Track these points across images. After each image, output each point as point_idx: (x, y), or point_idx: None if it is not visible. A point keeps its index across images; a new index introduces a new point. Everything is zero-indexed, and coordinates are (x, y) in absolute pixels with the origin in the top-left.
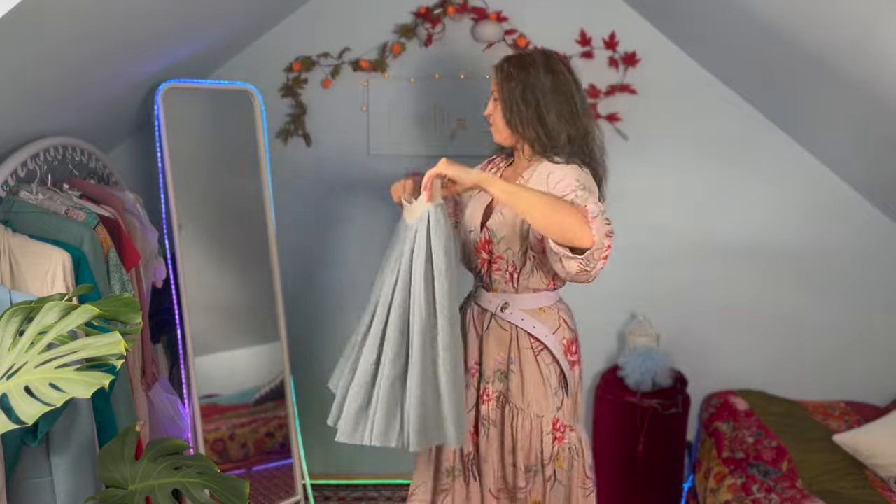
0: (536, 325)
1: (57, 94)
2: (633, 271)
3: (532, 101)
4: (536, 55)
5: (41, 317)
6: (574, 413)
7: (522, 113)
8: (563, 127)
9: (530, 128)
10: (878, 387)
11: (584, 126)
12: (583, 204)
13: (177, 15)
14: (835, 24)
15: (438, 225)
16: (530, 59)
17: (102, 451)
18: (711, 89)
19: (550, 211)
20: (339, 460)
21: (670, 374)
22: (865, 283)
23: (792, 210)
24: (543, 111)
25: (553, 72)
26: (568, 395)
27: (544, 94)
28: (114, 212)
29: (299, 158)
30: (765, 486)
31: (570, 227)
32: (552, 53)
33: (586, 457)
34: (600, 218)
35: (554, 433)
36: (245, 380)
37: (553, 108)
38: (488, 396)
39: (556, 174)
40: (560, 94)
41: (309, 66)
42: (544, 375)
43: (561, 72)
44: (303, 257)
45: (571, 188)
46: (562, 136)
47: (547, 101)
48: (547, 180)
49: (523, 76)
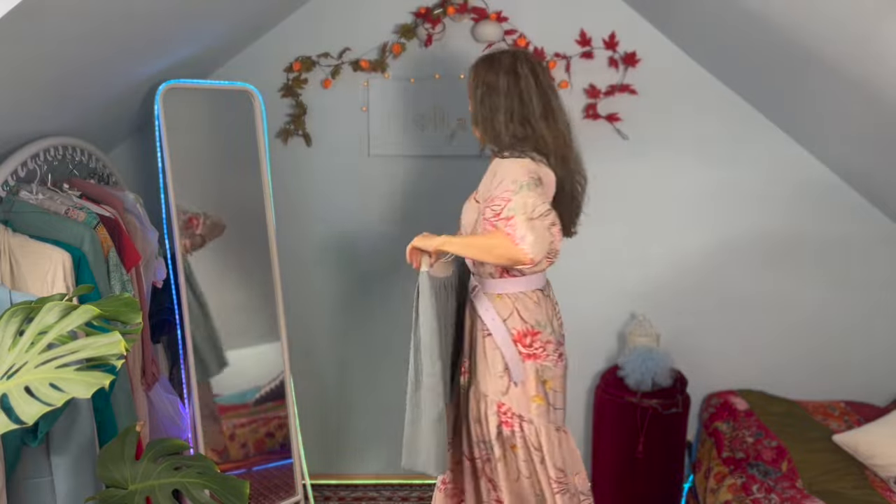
0: (489, 309)
1: (57, 94)
2: (633, 271)
3: (487, 102)
4: (504, 56)
5: (41, 317)
6: (528, 404)
7: (479, 114)
8: (510, 128)
9: (483, 128)
10: (878, 387)
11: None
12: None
13: (177, 15)
14: (835, 24)
15: (423, 287)
16: (496, 60)
17: (102, 451)
18: (711, 89)
19: (481, 253)
20: (339, 460)
21: (670, 374)
22: (865, 283)
23: (792, 210)
24: (493, 112)
25: (513, 73)
26: (515, 383)
27: (498, 95)
28: (114, 212)
29: (299, 158)
30: (765, 486)
31: (503, 257)
32: (521, 55)
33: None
34: (529, 233)
35: (500, 416)
36: (245, 380)
37: (502, 108)
38: (465, 368)
39: (499, 173)
40: (513, 95)
41: (309, 66)
42: (489, 358)
43: (523, 75)
44: (303, 257)
45: (506, 192)
46: (506, 136)
47: (499, 102)
48: (493, 180)
49: (486, 77)
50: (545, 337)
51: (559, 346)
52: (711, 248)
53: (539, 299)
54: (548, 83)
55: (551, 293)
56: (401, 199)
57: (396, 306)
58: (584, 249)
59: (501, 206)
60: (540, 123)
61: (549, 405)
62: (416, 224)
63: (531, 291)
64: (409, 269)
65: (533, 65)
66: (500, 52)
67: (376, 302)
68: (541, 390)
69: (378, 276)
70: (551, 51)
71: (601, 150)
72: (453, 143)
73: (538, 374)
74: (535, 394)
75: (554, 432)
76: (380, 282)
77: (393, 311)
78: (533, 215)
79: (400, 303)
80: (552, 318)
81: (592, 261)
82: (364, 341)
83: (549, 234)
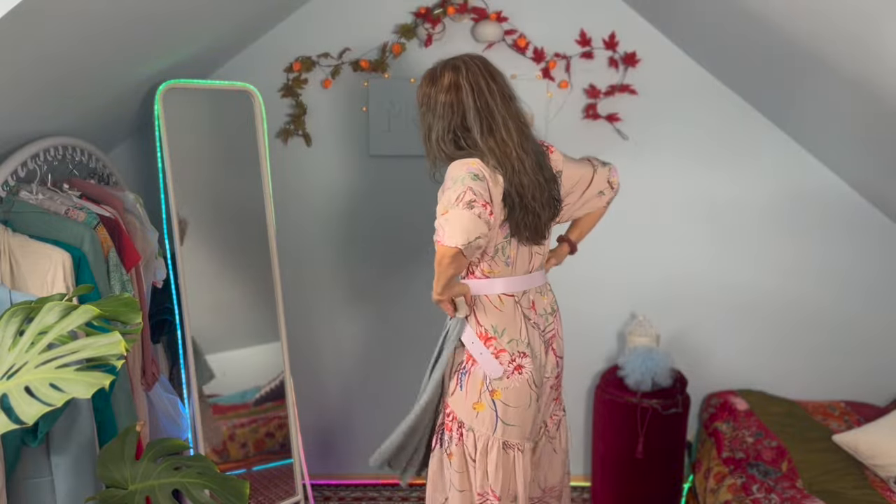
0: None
1: (57, 94)
2: (633, 271)
3: (426, 120)
4: (447, 70)
5: (41, 317)
6: (469, 411)
7: (421, 131)
8: (441, 145)
9: (424, 145)
10: (878, 387)
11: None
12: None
13: (177, 15)
14: (835, 23)
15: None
16: (439, 76)
17: (102, 451)
18: (711, 89)
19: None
20: (339, 460)
21: (670, 374)
22: (865, 283)
23: (791, 209)
24: (428, 131)
25: (454, 88)
26: (462, 387)
27: (435, 113)
28: (114, 212)
29: (299, 158)
30: (765, 486)
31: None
32: (462, 66)
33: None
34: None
35: (445, 417)
36: (245, 380)
37: (436, 126)
38: None
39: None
40: (450, 112)
41: (309, 66)
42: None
43: (463, 87)
44: (303, 257)
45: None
46: (439, 153)
47: (433, 121)
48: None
49: (428, 94)
50: (499, 345)
51: (520, 357)
52: (711, 247)
53: (504, 304)
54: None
55: (543, 300)
56: (401, 199)
57: (396, 306)
58: (584, 250)
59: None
60: (482, 137)
61: (498, 417)
62: (416, 224)
63: (496, 295)
64: (408, 269)
65: (476, 75)
66: (442, 66)
67: (376, 302)
68: (486, 399)
69: (378, 275)
70: (551, 51)
71: (601, 150)
72: None
73: (484, 381)
74: (477, 400)
75: (500, 447)
76: (380, 282)
77: (393, 311)
78: (448, 207)
79: (400, 302)
80: (520, 327)
81: (592, 261)
82: (364, 341)
83: (466, 212)
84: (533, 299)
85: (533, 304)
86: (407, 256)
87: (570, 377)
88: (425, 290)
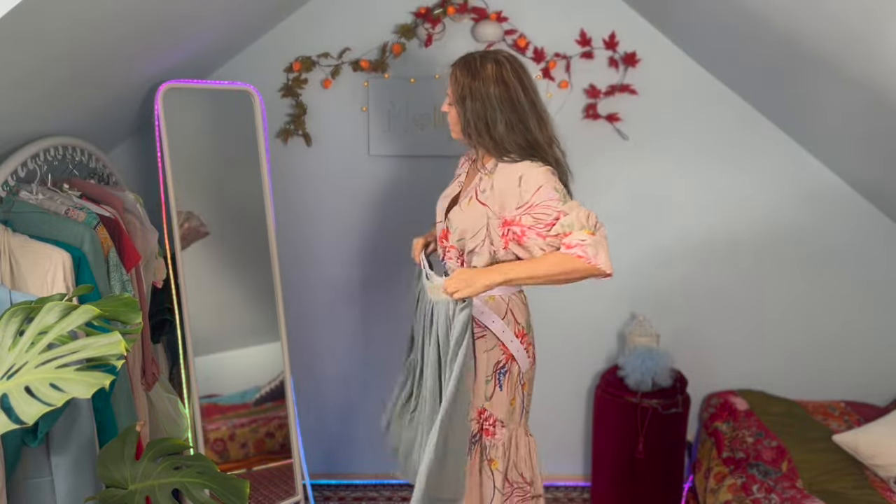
0: (485, 310)
1: (57, 94)
2: (633, 271)
3: (481, 112)
4: (488, 63)
5: (41, 317)
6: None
7: (472, 123)
8: (511, 137)
9: (481, 137)
10: (878, 387)
11: (544, 136)
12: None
13: (177, 15)
14: (835, 23)
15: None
16: (480, 68)
17: (102, 451)
18: (711, 89)
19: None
20: (339, 460)
21: (670, 374)
22: (865, 283)
23: (791, 210)
24: (490, 124)
25: (502, 83)
26: (502, 387)
27: (492, 106)
28: (114, 212)
29: (299, 158)
30: (765, 486)
31: (573, 278)
32: (504, 61)
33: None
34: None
35: (479, 422)
36: (245, 380)
37: (500, 119)
38: None
39: (528, 180)
40: (507, 105)
41: (309, 66)
42: (477, 361)
43: (510, 82)
44: (303, 257)
45: (552, 202)
46: (511, 144)
47: (494, 113)
48: (520, 184)
49: (473, 86)
50: (529, 339)
51: (533, 347)
52: (711, 247)
53: (525, 301)
54: (533, 87)
55: None
56: (401, 199)
57: (396, 306)
58: None
59: (550, 217)
60: (536, 131)
61: (523, 407)
62: (416, 224)
63: (518, 293)
64: (408, 269)
65: (517, 71)
66: (479, 58)
67: (376, 302)
68: (518, 392)
69: (378, 275)
70: (551, 51)
71: (601, 150)
72: (453, 143)
73: (518, 377)
74: (513, 396)
75: (524, 436)
76: (380, 282)
77: (393, 311)
78: (592, 229)
79: (400, 302)
80: (530, 319)
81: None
82: (364, 341)
83: (607, 242)
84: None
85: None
86: (407, 256)
87: (570, 377)
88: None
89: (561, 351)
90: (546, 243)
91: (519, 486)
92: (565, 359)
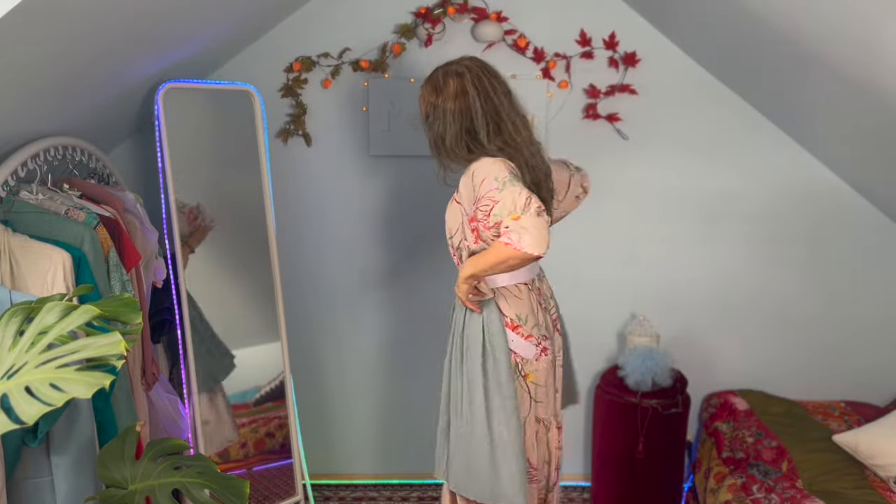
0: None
1: (57, 93)
2: (633, 271)
3: (436, 127)
4: (450, 79)
5: (41, 317)
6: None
7: (430, 138)
8: (459, 148)
9: (439, 154)
10: (878, 387)
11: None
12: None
13: (177, 15)
14: (835, 23)
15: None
16: (439, 83)
17: (102, 451)
18: (711, 89)
19: (499, 269)
20: (339, 460)
21: (670, 374)
22: (865, 283)
23: (792, 210)
24: (443, 138)
25: (461, 96)
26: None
27: (446, 120)
28: (114, 212)
29: (299, 158)
30: (765, 486)
31: (518, 264)
32: (465, 71)
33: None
34: (524, 234)
35: None
36: (245, 380)
37: (451, 133)
38: None
39: (477, 173)
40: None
41: (309, 66)
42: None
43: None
44: (303, 257)
45: (491, 191)
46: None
47: (445, 127)
48: (472, 179)
49: (428, 103)
50: (525, 331)
51: (543, 339)
52: (711, 247)
53: (522, 292)
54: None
55: (543, 285)
56: (401, 199)
57: (397, 306)
58: (584, 249)
59: (489, 207)
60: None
61: (531, 398)
62: (416, 224)
63: (514, 285)
64: (409, 269)
65: (480, 77)
66: (443, 71)
67: (376, 301)
68: (521, 383)
69: (378, 276)
70: (551, 51)
71: (601, 150)
72: None
73: (516, 368)
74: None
75: (534, 423)
76: (380, 281)
77: (393, 311)
78: (517, 212)
79: (400, 302)
80: (537, 311)
81: (592, 261)
82: (364, 341)
83: (541, 220)
84: (539, 286)
85: (539, 290)
86: (407, 256)
87: None
88: (425, 289)
89: None
90: (491, 234)
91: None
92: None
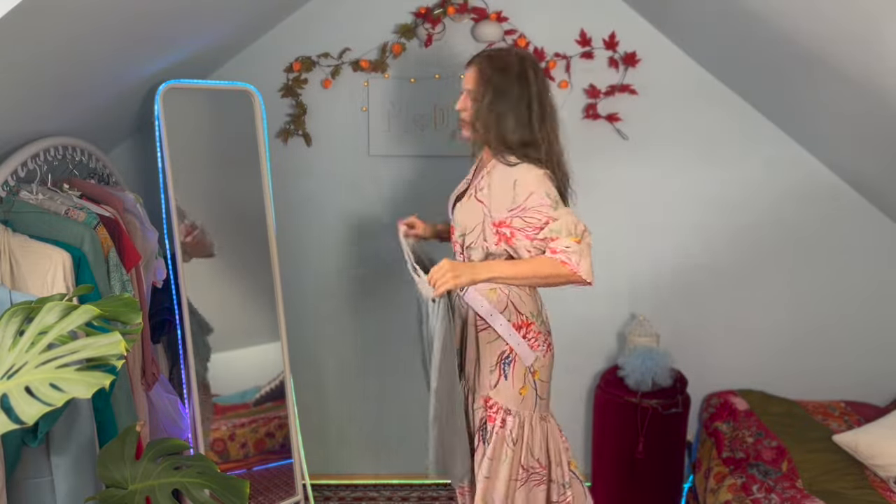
0: (485, 303)
1: (57, 93)
2: (633, 271)
3: (499, 106)
4: (513, 59)
5: (41, 317)
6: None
7: (486, 116)
8: (519, 133)
9: (488, 132)
10: (878, 387)
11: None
12: (555, 239)
13: (177, 15)
14: (835, 23)
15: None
16: (507, 63)
17: (102, 451)
18: (711, 89)
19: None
20: (339, 460)
21: (670, 374)
22: (865, 283)
23: (791, 209)
24: (503, 118)
25: (523, 79)
26: (507, 376)
27: (510, 100)
28: (114, 212)
29: (299, 158)
30: (765, 486)
31: (555, 283)
32: (526, 57)
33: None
34: (583, 259)
35: (485, 410)
36: (245, 380)
37: (512, 114)
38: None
39: (522, 185)
40: (523, 101)
41: (309, 66)
42: (481, 353)
43: (531, 80)
44: (303, 257)
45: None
46: (515, 140)
47: (509, 108)
48: (514, 188)
49: (497, 80)
50: (536, 328)
51: (548, 336)
52: (711, 247)
53: (530, 291)
54: (547, 86)
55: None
56: (401, 199)
57: (396, 306)
58: None
59: (540, 221)
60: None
61: (537, 395)
62: None
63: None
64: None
65: (537, 71)
66: (505, 52)
67: (376, 302)
68: (529, 381)
69: (378, 276)
70: (551, 51)
71: (601, 150)
72: (453, 143)
73: (528, 366)
74: (522, 385)
75: (539, 421)
76: (380, 282)
77: (393, 311)
78: (579, 237)
79: (400, 302)
80: (541, 309)
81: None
82: (364, 341)
83: (591, 253)
84: None
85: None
86: None
87: (569, 377)
88: None
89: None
90: (533, 245)
91: (535, 472)
92: (565, 359)
